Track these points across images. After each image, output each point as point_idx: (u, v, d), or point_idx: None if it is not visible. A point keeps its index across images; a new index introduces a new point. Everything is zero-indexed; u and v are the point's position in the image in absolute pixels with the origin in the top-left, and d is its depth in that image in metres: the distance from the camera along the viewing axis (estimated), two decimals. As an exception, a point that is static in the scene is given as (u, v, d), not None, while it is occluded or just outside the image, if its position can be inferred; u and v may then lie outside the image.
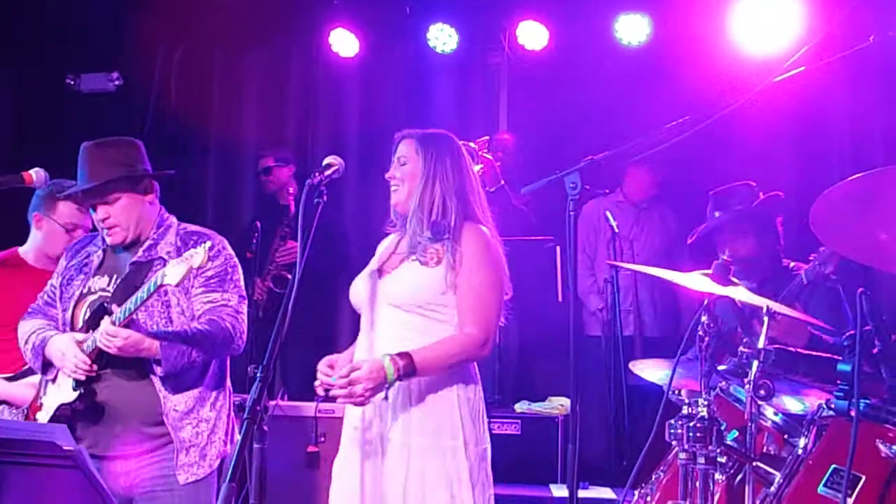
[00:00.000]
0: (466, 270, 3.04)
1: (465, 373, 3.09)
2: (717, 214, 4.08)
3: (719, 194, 4.14)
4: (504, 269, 3.15)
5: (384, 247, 3.31)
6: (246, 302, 3.36)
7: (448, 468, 2.98)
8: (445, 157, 3.20)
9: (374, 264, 3.24)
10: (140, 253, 3.30)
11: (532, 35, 6.29)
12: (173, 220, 3.41)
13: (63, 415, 3.20)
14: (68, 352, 3.19)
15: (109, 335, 3.05)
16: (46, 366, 3.31)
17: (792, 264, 3.95)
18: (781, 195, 4.05)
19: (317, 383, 3.07)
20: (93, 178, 3.27)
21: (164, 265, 3.19)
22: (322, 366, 3.07)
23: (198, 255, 2.98)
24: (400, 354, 2.90)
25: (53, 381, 3.32)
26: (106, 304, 3.18)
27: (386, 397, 2.94)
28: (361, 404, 2.90)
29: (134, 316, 3.08)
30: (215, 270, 3.28)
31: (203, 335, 3.18)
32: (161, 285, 3.01)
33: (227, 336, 3.23)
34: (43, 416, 3.28)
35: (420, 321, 3.05)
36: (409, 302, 3.04)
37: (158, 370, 3.15)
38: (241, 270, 3.39)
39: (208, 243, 3.03)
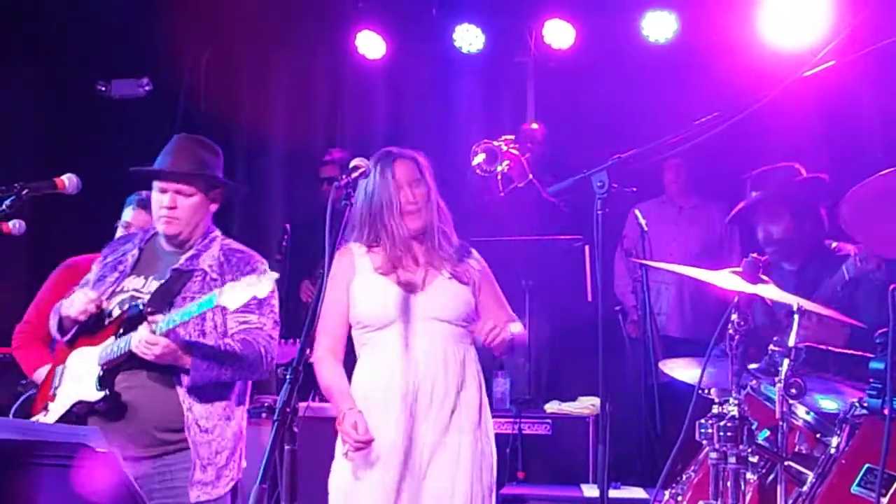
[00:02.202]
0: (490, 283, 3.45)
1: (481, 371, 3.39)
2: (753, 194, 3.99)
3: (759, 174, 4.05)
4: None
5: (365, 260, 3.35)
6: (279, 328, 3.36)
7: (486, 459, 3.28)
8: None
9: (379, 280, 3.30)
10: (182, 261, 3.31)
11: (558, 34, 6.27)
12: (218, 233, 3.44)
13: (77, 412, 3.17)
14: (76, 297, 3.23)
15: (150, 343, 3.05)
16: (62, 326, 3.32)
17: (834, 244, 3.84)
18: (825, 178, 3.92)
19: (343, 451, 3.23)
20: (180, 165, 3.32)
21: (205, 277, 3.27)
22: (349, 430, 3.16)
23: (263, 285, 2.96)
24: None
25: (71, 344, 3.31)
26: (142, 308, 3.18)
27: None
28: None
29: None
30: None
31: (236, 354, 3.18)
32: (217, 306, 3.02)
33: (259, 360, 3.23)
34: (56, 409, 3.24)
35: (460, 332, 3.32)
36: (459, 316, 3.31)
37: (185, 380, 3.15)
38: (278, 296, 3.38)
39: (275, 275, 3.01)
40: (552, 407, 5.41)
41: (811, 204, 3.87)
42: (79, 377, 3.24)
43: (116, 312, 3.26)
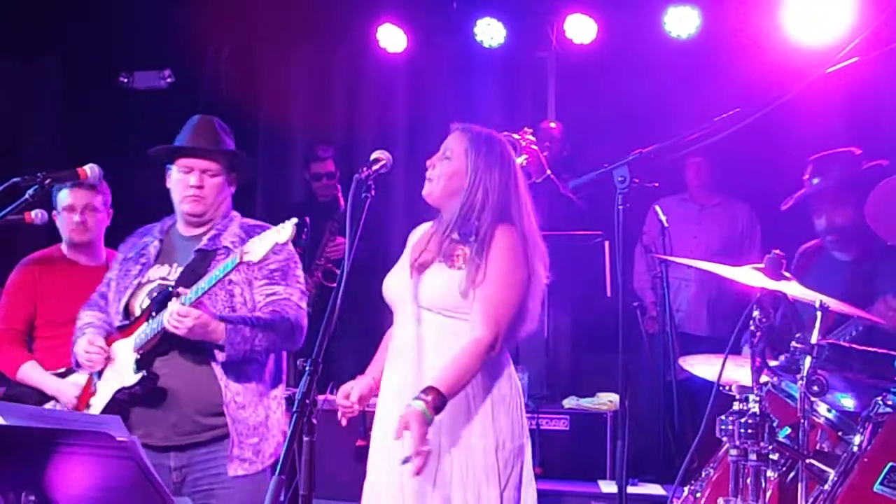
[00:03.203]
0: (490, 267, 2.94)
1: (498, 366, 3.01)
2: (815, 181, 3.86)
3: (820, 160, 3.91)
4: (528, 268, 3.02)
5: (416, 238, 3.24)
6: (306, 298, 3.37)
7: (475, 468, 2.90)
8: (495, 166, 3.08)
9: (406, 260, 3.16)
10: (205, 241, 3.32)
11: (580, 28, 6.25)
12: (237, 214, 3.45)
13: (121, 399, 3.18)
14: (79, 347, 3.25)
15: (181, 315, 3.02)
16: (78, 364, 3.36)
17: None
18: (886, 163, 3.82)
19: (340, 415, 3.13)
20: (206, 144, 3.33)
21: (228, 253, 3.22)
22: (340, 398, 3.12)
23: (285, 229, 2.91)
24: (426, 391, 2.78)
25: (100, 373, 3.33)
26: (172, 290, 3.17)
27: None
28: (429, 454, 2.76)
29: (205, 299, 3.09)
30: (279, 264, 3.29)
31: (267, 324, 3.18)
32: (241, 263, 2.98)
33: (290, 329, 3.24)
34: (99, 402, 3.26)
35: (454, 325, 2.97)
36: (438, 305, 2.98)
37: (220, 356, 3.14)
38: (301, 266, 3.40)
39: (294, 220, 2.95)
40: (570, 402, 5.40)
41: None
42: (117, 369, 3.25)
43: (147, 303, 3.26)
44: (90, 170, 3.34)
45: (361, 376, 3.19)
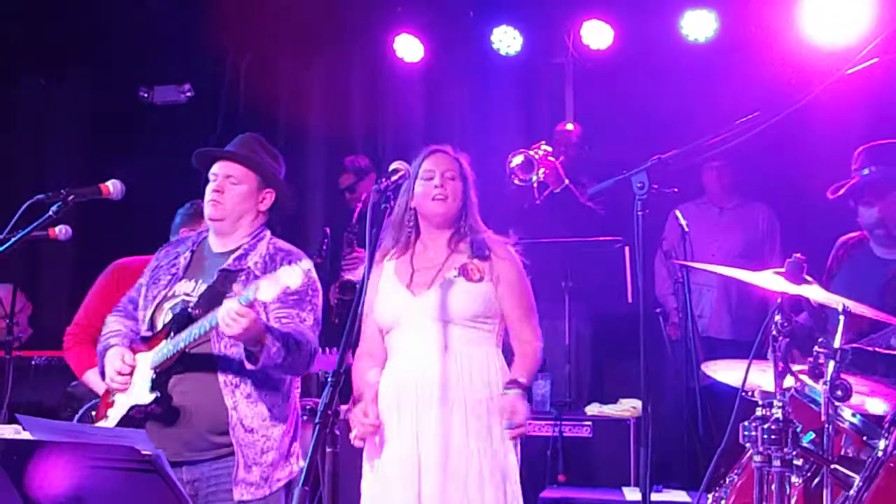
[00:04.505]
0: (515, 284, 3.34)
1: (503, 375, 3.33)
2: (865, 172, 3.73)
3: (872, 149, 3.78)
4: None
5: (387, 264, 3.41)
6: (320, 327, 3.30)
7: (503, 467, 3.22)
8: (472, 186, 3.45)
9: (395, 283, 3.36)
10: (230, 261, 3.29)
11: (596, 34, 6.25)
12: (268, 234, 3.41)
13: (135, 416, 3.19)
14: (109, 364, 3.25)
15: (239, 314, 2.89)
16: (104, 373, 3.34)
17: None
18: None
19: (353, 435, 3.24)
20: (243, 152, 3.37)
21: (249, 275, 3.23)
22: (361, 419, 3.25)
23: (294, 275, 2.89)
24: (513, 382, 3.24)
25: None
26: (190, 311, 3.18)
27: None
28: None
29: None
30: (296, 289, 3.20)
31: (298, 344, 3.10)
32: (255, 300, 2.94)
33: (309, 354, 3.16)
34: (114, 414, 3.26)
35: (470, 333, 3.28)
36: (461, 316, 3.25)
37: (248, 365, 3.06)
38: (321, 297, 3.33)
39: (304, 263, 2.98)
40: (593, 409, 5.39)
41: None
42: (134, 383, 3.25)
43: (169, 317, 3.26)
44: (112, 185, 3.37)
45: (361, 401, 3.31)
